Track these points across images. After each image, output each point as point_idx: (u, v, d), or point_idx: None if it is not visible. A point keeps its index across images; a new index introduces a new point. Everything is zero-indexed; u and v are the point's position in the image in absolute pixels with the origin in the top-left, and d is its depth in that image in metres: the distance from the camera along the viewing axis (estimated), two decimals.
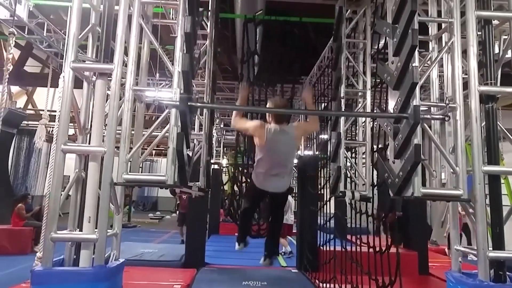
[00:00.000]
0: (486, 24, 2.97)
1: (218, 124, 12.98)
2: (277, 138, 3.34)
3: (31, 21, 6.44)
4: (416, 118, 2.56)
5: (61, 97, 2.77)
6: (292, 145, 3.47)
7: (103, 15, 2.92)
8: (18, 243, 7.76)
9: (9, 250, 7.58)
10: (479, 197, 2.71)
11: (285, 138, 3.39)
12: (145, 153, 3.12)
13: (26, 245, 7.79)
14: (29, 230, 8.02)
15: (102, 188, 2.61)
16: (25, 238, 7.91)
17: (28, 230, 8.03)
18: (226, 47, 8.45)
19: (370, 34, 4.79)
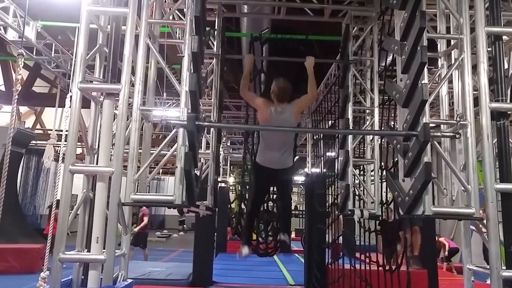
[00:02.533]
0: (496, 40, 2.94)
1: (225, 142, 12.99)
2: (278, 117, 3.58)
3: (39, 42, 6.55)
4: (426, 136, 2.52)
5: (68, 116, 2.78)
6: (292, 121, 3.64)
7: (110, 36, 2.95)
8: (27, 262, 7.71)
9: (18, 269, 7.54)
10: (491, 215, 2.64)
11: (285, 116, 3.60)
12: (152, 172, 3.10)
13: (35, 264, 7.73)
14: (38, 248, 7.98)
15: (110, 208, 2.59)
16: (33, 257, 7.85)
17: (37, 248, 7.98)
18: (233, 66, 8.52)
19: (378, 51, 4.79)
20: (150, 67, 3.26)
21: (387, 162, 4.47)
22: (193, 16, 2.71)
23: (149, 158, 2.99)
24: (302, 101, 3.79)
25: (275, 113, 3.59)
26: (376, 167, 4.72)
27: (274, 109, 3.60)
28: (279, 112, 3.60)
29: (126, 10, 2.73)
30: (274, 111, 3.59)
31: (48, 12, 6.20)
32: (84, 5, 2.71)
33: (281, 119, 3.57)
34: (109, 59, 2.90)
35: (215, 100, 4.68)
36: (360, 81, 5.07)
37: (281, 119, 3.57)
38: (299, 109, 3.78)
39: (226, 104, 10.50)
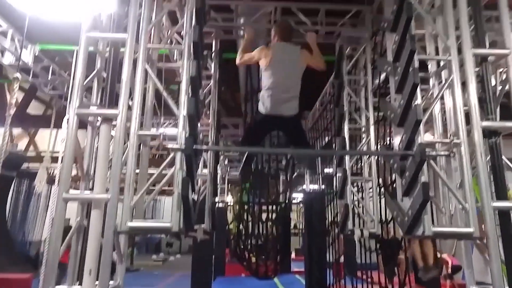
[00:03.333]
0: (483, 61, 3.04)
1: (223, 161, 12.97)
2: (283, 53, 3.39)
3: (37, 65, 6.59)
4: (422, 156, 2.55)
5: (64, 140, 2.76)
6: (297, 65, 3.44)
7: (108, 60, 2.98)
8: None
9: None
10: (491, 234, 2.64)
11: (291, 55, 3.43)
12: (149, 198, 3.08)
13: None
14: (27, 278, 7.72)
15: (105, 237, 2.51)
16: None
17: (26, 278, 7.73)
18: (230, 85, 8.60)
19: (371, 70, 4.87)
20: (148, 90, 3.28)
21: (385, 180, 4.50)
22: (191, 41, 2.75)
23: (146, 183, 2.97)
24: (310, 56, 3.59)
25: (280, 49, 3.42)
26: (374, 185, 4.73)
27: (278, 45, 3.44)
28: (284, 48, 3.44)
29: (125, 35, 2.77)
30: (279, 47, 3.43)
31: (46, 35, 6.24)
32: (83, 31, 2.75)
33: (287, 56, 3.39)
34: (107, 84, 2.91)
35: (213, 121, 4.70)
36: (354, 99, 5.13)
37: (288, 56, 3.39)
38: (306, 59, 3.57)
39: (224, 123, 10.53)
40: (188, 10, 2.83)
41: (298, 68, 3.48)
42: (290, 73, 3.42)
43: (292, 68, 3.43)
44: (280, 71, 3.39)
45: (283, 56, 3.39)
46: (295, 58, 3.44)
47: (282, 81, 3.40)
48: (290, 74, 3.42)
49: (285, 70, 3.41)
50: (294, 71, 3.45)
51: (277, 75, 3.40)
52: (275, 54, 3.40)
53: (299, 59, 3.47)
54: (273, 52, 3.40)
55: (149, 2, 2.90)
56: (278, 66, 3.40)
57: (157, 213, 21.55)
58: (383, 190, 4.49)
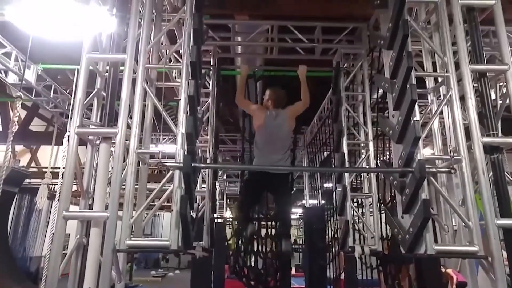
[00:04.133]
0: (482, 77, 3.03)
1: (221, 176, 12.93)
2: (273, 122, 3.81)
3: (39, 84, 6.66)
4: (422, 173, 2.53)
5: (65, 156, 2.77)
6: (286, 127, 3.87)
7: (108, 80, 3.01)
8: None
9: None
10: (495, 252, 2.60)
11: (280, 121, 3.84)
12: (148, 216, 3.06)
13: None
14: None
15: (104, 255, 2.52)
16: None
17: None
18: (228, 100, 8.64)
19: (369, 86, 4.90)
20: (147, 109, 3.30)
21: (385, 196, 4.47)
22: (189, 61, 2.77)
23: (145, 199, 2.96)
24: (295, 107, 3.97)
25: (271, 118, 3.83)
26: (374, 201, 4.70)
27: (269, 114, 3.84)
28: (274, 116, 3.84)
29: (124, 56, 2.80)
30: (269, 116, 3.83)
31: (48, 54, 6.32)
32: (84, 52, 2.78)
33: (276, 123, 3.80)
34: (107, 103, 2.94)
35: (211, 137, 4.71)
36: (353, 115, 5.15)
37: (276, 124, 3.80)
38: (293, 114, 3.94)
39: (222, 138, 10.55)
40: (186, 30, 2.87)
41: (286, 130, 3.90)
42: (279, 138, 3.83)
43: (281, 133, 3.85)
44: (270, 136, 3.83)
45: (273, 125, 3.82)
46: (284, 121, 3.85)
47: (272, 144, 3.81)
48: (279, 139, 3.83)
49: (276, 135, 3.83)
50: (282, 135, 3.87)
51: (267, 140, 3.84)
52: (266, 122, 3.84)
53: (286, 121, 3.87)
54: (265, 119, 3.85)
55: (147, 23, 2.95)
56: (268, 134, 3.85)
57: (156, 228, 21.37)
58: (383, 206, 4.46)
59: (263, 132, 3.86)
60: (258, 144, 3.89)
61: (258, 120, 3.87)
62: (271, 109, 3.90)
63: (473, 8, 3.13)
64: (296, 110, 4.01)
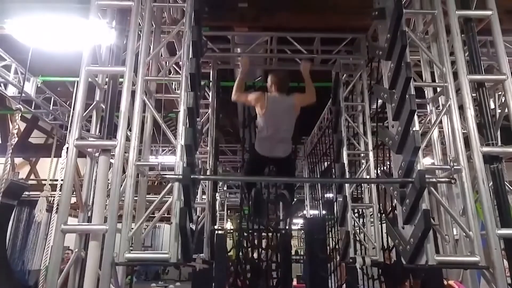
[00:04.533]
0: (480, 87, 3.05)
1: (221, 187, 12.89)
2: (277, 105, 3.60)
3: (38, 96, 6.67)
4: (422, 183, 2.52)
5: (63, 168, 2.76)
6: (292, 112, 3.65)
7: (107, 92, 3.02)
8: None
9: None
10: (497, 263, 2.58)
11: (285, 105, 3.62)
12: (147, 228, 3.04)
13: None
14: None
15: (103, 269, 2.50)
16: None
17: None
18: (228, 111, 8.66)
19: (368, 96, 4.91)
20: (146, 121, 3.30)
21: (385, 206, 4.45)
22: (188, 73, 2.79)
23: (144, 211, 2.94)
24: (302, 97, 3.76)
25: (275, 101, 3.62)
26: (375, 212, 4.67)
27: (272, 98, 3.63)
28: (278, 100, 3.64)
29: (123, 69, 2.81)
30: (273, 100, 3.62)
31: (48, 66, 6.36)
32: (83, 65, 2.80)
33: (281, 107, 3.60)
34: (106, 115, 2.94)
35: (211, 149, 4.71)
36: (352, 125, 5.15)
37: (282, 107, 3.59)
38: (299, 102, 3.74)
39: (222, 149, 10.54)
40: (185, 42, 2.89)
41: (291, 116, 3.71)
42: (283, 122, 3.66)
43: (286, 117, 3.67)
44: (274, 122, 3.64)
45: (277, 108, 3.62)
46: (289, 108, 3.66)
47: (276, 131, 3.64)
48: (283, 123, 3.66)
49: (279, 121, 3.65)
50: (287, 120, 3.69)
51: (271, 125, 3.64)
52: (270, 106, 3.62)
53: (293, 108, 3.69)
54: (268, 104, 3.63)
55: (147, 35, 2.97)
56: (272, 117, 3.64)
57: (156, 240, 21.18)
58: (384, 216, 4.43)
59: (268, 116, 3.61)
60: (261, 130, 3.67)
61: (261, 105, 3.62)
62: (274, 94, 3.68)
63: (470, 19, 3.16)
64: (303, 100, 3.79)
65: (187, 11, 2.95)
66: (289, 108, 3.65)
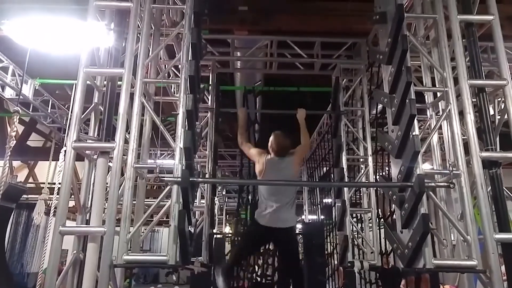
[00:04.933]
0: (480, 92, 3.05)
1: (220, 192, 12.85)
2: (276, 167, 3.48)
3: (36, 98, 6.65)
4: (421, 188, 2.52)
5: (61, 171, 2.75)
6: (291, 172, 3.50)
7: (106, 94, 3.01)
8: None
9: None
10: (494, 267, 2.59)
11: (284, 166, 3.50)
12: (146, 231, 3.02)
13: None
14: None
15: (101, 271, 2.48)
16: None
17: None
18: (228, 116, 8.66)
19: (368, 101, 4.91)
20: (145, 124, 3.29)
21: (384, 211, 4.43)
22: (187, 75, 2.79)
23: (143, 214, 2.93)
24: (298, 152, 3.70)
25: (273, 162, 3.49)
26: (373, 216, 4.66)
27: (271, 161, 3.51)
28: (277, 161, 3.50)
29: (121, 70, 2.81)
30: (272, 160, 3.50)
31: (46, 69, 6.35)
32: (81, 66, 2.79)
33: (279, 169, 3.45)
34: (104, 117, 2.93)
35: (210, 152, 4.70)
36: (352, 130, 5.15)
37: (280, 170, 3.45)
38: (298, 160, 3.65)
39: (221, 154, 10.52)
40: (185, 45, 2.89)
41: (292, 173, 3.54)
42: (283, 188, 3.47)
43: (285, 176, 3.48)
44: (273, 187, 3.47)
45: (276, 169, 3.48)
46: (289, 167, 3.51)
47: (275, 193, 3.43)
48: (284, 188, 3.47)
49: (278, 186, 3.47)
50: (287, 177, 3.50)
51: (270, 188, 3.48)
52: (269, 167, 3.50)
53: (293, 166, 3.55)
54: (267, 165, 3.51)
55: (146, 37, 2.97)
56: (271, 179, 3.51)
57: (155, 244, 21.10)
58: (382, 221, 4.42)
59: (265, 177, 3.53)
60: (262, 193, 3.51)
61: (260, 165, 3.54)
62: (273, 156, 3.56)
63: (471, 24, 3.16)
64: (301, 155, 3.75)
65: (186, 13, 2.95)
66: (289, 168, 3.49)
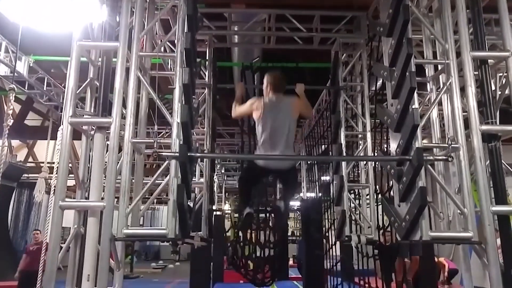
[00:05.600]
0: (482, 64, 3.00)
1: (219, 170, 12.92)
2: (274, 105, 3.38)
3: (31, 76, 6.57)
4: (420, 161, 2.52)
5: (59, 150, 2.75)
6: (290, 112, 3.40)
7: (101, 69, 2.96)
8: None
9: None
10: (489, 238, 2.63)
11: (283, 106, 3.39)
12: (144, 206, 3.04)
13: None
14: None
15: (102, 244, 2.53)
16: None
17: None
18: (226, 93, 8.58)
19: (367, 76, 4.86)
20: (142, 99, 3.26)
21: (381, 186, 4.47)
22: (183, 48, 2.73)
23: (141, 191, 2.94)
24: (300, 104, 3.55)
25: (271, 102, 3.40)
26: (371, 192, 4.69)
27: (269, 101, 3.41)
28: (276, 100, 3.41)
29: (116, 44, 2.76)
30: (270, 100, 3.41)
31: (40, 46, 6.25)
32: (75, 40, 2.73)
33: (278, 107, 3.37)
34: (100, 93, 2.90)
35: (208, 129, 4.67)
36: (351, 106, 5.12)
37: (279, 107, 3.37)
38: (297, 107, 3.50)
39: (219, 132, 10.49)
40: (180, 17, 2.82)
41: (290, 119, 3.44)
42: (281, 123, 3.38)
43: (284, 120, 3.39)
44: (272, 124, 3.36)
45: (274, 108, 3.38)
46: (287, 110, 3.41)
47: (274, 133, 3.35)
48: (281, 124, 3.38)
49: (276, 122, 3.37)
50: (286, 123, 3.41)
51: (269, 127, 3.37)
52: (266, 108, 3.39)
53: (291, 110, 3.44)
54: (264, 106, 3.40)
55: (140, 10, 2.90)
56: (269, 118, 3.38)
57: (156, 222, 21.43)
58: (380, 196, 4.46)
59: (264, 119, 3.40)
60: (260, 137, 3.42)
61: (257, 108, 3.42)
62: (270, 95, 3.45)
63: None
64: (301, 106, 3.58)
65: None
66: (287, 107, 3.39)
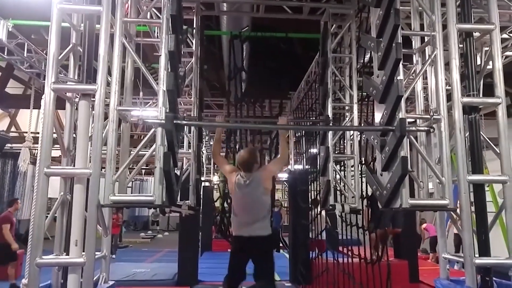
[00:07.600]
0: (468, 37, 3.03)
1: (208, 142, 12.91)
2: (245, 185, 3.36)
3: (11, 41, 6.33)
4: (402, 131, 2.58)
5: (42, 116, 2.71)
6: (261, 190, 3.38)
7: (84, 35, 2.87)
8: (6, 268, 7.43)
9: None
10: (464, 206, 2.76)
11: (254, 183, 3.36)
12: (132, 173, 3.06)
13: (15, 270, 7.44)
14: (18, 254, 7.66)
15: (89, 211, 2.55)
16: None
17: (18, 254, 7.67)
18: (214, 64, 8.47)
19: (356, 48, 4.85)
20: (127, 66, 3.20)
21: (366, 157, 4.57)
22: (169, 14, 2.68)
23: (127, 159, 2.95)
24: (271, 165, 3.69)
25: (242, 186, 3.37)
26: (356, 162, 4.80)
27: (240, 181, 3.39)
28: (246, 184, 3.37)
29: (99, 8, 2.68)
30: (240, 183, 3.38)
31: (20, 11, 6.02)
32: (55, 3, 2.64)
33: (248, 191, 3.35)
34: (84, 59, 2.83)
35: (195, 99, 4.65)
36: (339, 78, 5.13)
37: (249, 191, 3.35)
38: (268, 174, 3.49)
39: (207, 103, 10.43)
40: None
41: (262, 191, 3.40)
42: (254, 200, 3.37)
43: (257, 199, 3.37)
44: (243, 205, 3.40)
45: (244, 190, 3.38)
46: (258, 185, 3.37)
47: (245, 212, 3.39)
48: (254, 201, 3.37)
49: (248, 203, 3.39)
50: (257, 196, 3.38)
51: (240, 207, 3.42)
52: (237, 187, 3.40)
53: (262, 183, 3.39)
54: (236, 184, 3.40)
55: None
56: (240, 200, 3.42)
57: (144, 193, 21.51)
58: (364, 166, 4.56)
59: (236, 199, 3.47)
60: (234, 210, 3.47)
61: (231, 182, 3.47)
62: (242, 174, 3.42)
63: None
64: (272, 169, 3.64)
65: None
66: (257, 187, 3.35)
